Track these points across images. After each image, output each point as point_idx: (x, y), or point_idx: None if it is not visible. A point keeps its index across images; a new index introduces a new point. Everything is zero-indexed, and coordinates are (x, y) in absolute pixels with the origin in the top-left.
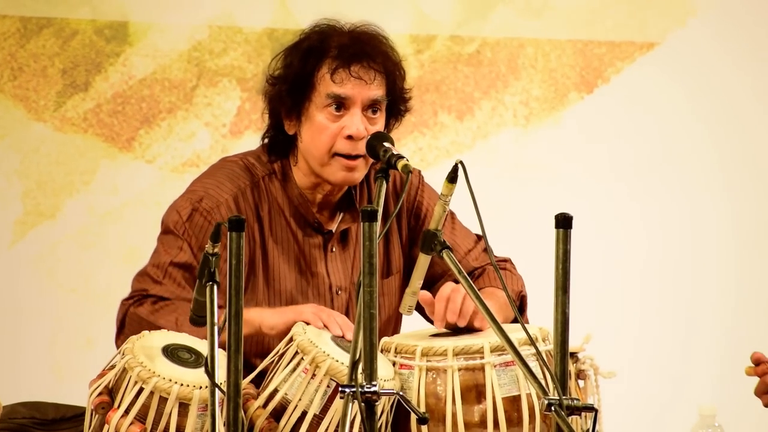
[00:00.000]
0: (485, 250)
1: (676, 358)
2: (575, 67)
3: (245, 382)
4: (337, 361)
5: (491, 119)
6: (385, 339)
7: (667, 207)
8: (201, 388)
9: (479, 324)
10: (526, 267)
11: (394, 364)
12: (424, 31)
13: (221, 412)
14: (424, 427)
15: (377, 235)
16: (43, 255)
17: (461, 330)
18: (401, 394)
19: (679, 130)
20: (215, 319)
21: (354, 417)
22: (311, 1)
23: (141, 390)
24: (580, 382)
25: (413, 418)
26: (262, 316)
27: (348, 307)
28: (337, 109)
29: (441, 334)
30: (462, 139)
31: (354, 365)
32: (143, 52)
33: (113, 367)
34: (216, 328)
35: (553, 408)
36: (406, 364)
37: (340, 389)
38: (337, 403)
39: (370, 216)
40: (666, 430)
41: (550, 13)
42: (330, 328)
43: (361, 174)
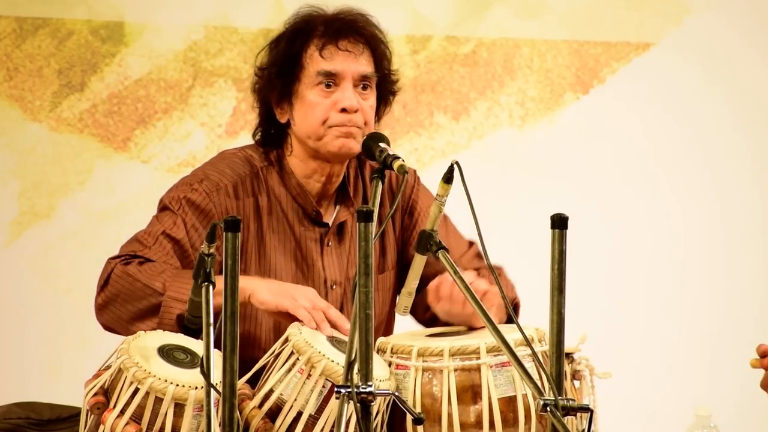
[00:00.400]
0: (478, 255)
1: (671, 358)
2: (571, 68)
3: (241, 383)
4: (332, 361)
5: (487, 119)
6: (381, 339)
7: (662, 208)
8: (197, 388)
9: (477, 323)
10: (521, 267)
11: (390, 365)
12: (419, 32)
13: (217, 412)
14: (420, 428)
15: (373, 236)
16: (38, 255)
17: (457, 330)
18: (397, 394)
19: (675, 130)
20: (211, 320)
21: (349, 417)
22: (307, 1)
23: (136, 390)
24: (576, 383)
25: (409, 418)
26: (254, 286)
27: (342, 302)
28: (328, 86)
29: (437, 334)
30: (458, 139)
31: (350, 365)
32: (139, 52)
33: (109, 367)
34: (211, 329)
35: (548, 408)
36: (402, 365)
37: (336, 389)
38: (333, 403)
39: (366, 217)
40: (661, 431)
41: (545, 13)
42: (321, 330)
43: (357, 144)
